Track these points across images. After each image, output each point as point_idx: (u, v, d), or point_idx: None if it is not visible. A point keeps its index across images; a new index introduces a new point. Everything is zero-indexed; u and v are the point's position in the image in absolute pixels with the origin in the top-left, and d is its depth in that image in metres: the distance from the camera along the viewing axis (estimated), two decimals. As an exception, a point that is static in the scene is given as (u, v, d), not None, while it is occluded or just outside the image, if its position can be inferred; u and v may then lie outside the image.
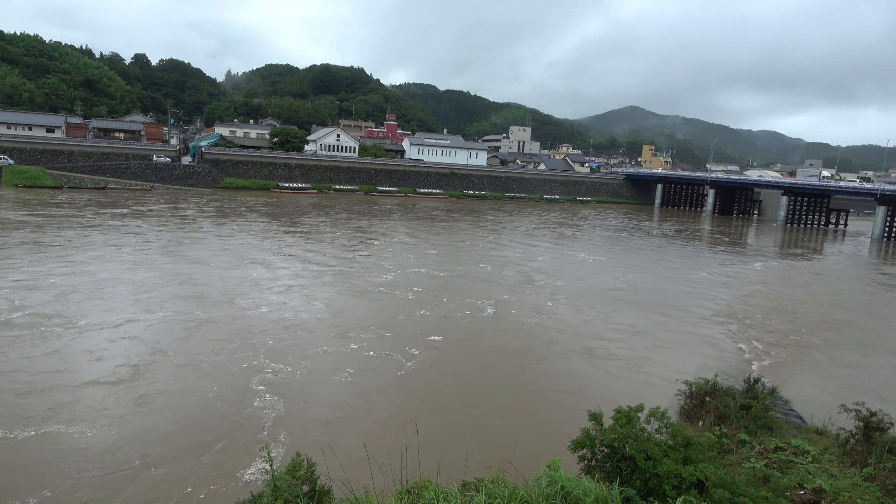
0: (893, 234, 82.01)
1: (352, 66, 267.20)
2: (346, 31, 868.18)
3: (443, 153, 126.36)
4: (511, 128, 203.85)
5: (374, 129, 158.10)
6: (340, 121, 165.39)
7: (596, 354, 22.92)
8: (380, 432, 15.05)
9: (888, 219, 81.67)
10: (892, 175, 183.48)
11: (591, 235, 65.33)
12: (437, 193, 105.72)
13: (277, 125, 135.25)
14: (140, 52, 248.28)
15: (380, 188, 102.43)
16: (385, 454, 9.04)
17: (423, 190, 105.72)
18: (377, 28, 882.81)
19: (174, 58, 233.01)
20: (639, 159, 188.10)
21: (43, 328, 21.60)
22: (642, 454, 7.84)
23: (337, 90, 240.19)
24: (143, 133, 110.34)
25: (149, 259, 35.46)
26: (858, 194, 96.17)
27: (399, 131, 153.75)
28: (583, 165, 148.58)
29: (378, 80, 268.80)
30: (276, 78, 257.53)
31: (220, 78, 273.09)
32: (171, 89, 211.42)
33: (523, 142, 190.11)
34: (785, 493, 9.49)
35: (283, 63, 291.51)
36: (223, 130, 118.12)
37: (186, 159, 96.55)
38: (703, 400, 15.96)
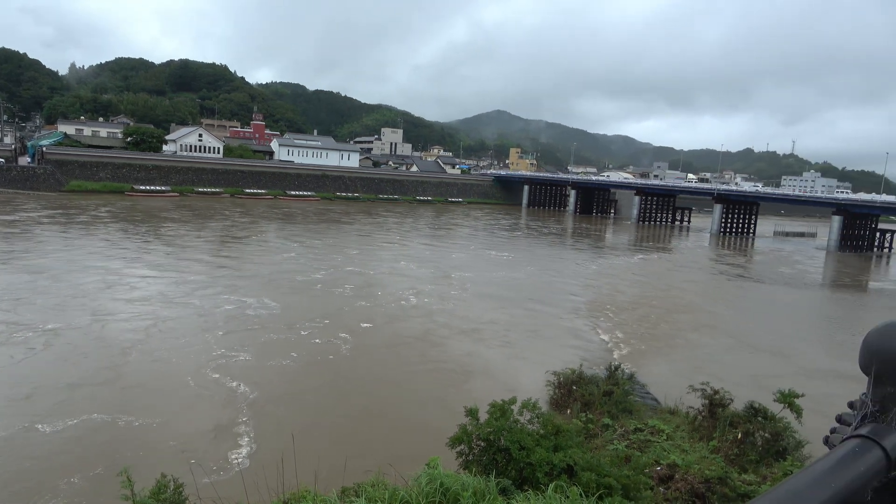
0: (728, 229, 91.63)
1: (214, 63, 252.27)
2: (204, 24, 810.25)
3: (314, 154, 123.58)
4: (383, 129, 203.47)
5: (239, 130, 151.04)
6: (203, 120, 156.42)
7: (486, 342, 24.93)
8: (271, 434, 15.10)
9: (724, 215, 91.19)
10: (727, 176, 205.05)
11: (488, 234, 69.16)
12: (309, 196, 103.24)
13: (131, 123, 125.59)
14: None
15: (247, 190, 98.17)
16: (260, 466, 8.71)
17: (293, 192, 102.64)
18: (238, 22, 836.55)
19: (6, 47, 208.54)
20: (506, 161, 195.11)
21: None
22: (516, 445, 8.13)
23: (198, 88, 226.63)
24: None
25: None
26: (699, 193, 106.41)
27: (267, 132, 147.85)
28: (454, 167, 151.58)
29: (243, 78, 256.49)
30: (128, 73, 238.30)
31: (63, 71, 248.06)
32: (3, 82, 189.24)
33: (395, 143, 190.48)
34: (644, 470, 10.24)
35: (136, 57, 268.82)
36: (68, 128, 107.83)
37: (24, 160, 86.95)
38: (570, 389, 16.84)
